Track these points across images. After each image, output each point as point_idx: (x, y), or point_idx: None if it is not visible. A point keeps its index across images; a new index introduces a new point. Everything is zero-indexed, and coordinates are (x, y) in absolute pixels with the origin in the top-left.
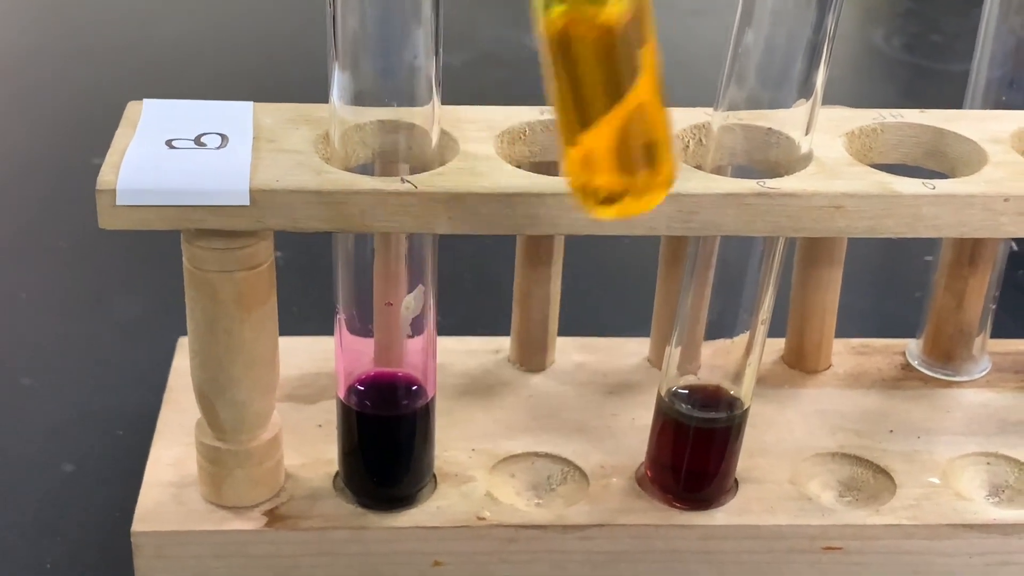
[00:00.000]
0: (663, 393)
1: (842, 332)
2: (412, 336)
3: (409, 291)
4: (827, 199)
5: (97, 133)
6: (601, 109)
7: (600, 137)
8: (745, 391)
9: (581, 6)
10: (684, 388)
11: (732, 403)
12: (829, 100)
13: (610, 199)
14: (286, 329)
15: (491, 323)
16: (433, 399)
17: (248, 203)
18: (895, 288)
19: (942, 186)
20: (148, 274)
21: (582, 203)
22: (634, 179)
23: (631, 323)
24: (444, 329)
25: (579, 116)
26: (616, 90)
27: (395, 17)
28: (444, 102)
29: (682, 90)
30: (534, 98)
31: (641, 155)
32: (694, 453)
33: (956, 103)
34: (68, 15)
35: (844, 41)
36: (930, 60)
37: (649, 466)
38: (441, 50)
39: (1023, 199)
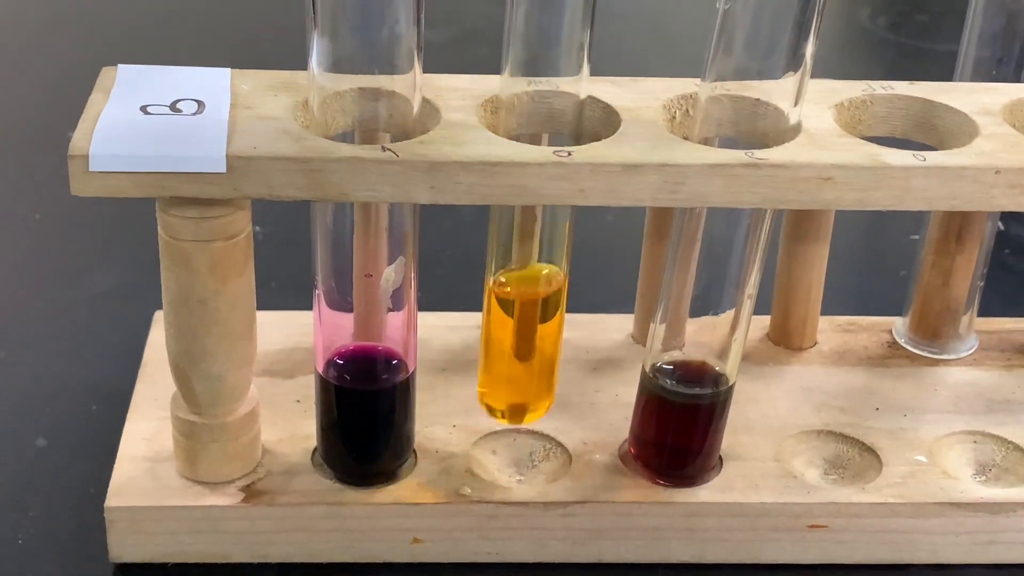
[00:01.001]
0: (647, 369)
1: (828, 310)
2: (392, 310)
3: (389, 263)
4: (816, 170)
5: (72, 105)
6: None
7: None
8: (731, 367)
9: (521, 283)
10: (669, 364)
11: (717, 379)
12: (818, 75)
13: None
14: (264, 303)
15: (473, 300)
16: (413, 374)
17: (225, 170)
18: (881, 267)
19: (933, 158)
20: (124, 246)
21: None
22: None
23: (615, 300)
24: (424, 305)
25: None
26: (527, 348)
27: None
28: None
29: (668, 64)
30: None
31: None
32: (678, 430)
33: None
34: None
35: (829, 19)
36: (916, 39)
37: (632, 443)
38: (423, 16)
39: (1015, 171)
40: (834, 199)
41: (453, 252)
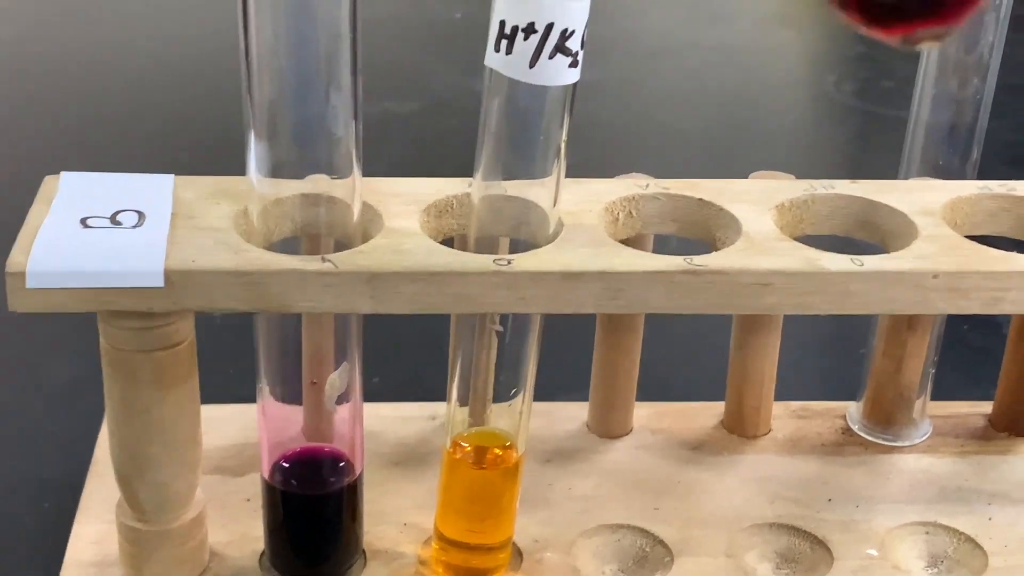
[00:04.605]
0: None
1: (783, 387)
2: (337, 412)
3: (335, 368)
4: (755, 276)
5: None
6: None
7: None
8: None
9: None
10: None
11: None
12: (779, 148)
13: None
14: (220, 391)
15: (431, 383)
16: (361, 475)
17: (163, 284)
18: (838, 344)
19: (870, 263)
20: (78, 338)
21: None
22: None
23: (568, 383)
24: (381, 389)
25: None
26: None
27: (313, 84)
28: (393, 150)
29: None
30: None
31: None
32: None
33: None
34: None
35: (796, 87)
36: (881, 106)
37: None
38: (360, 121)
39: (953, 275)
40: (775, 304)
41: (409, 334)
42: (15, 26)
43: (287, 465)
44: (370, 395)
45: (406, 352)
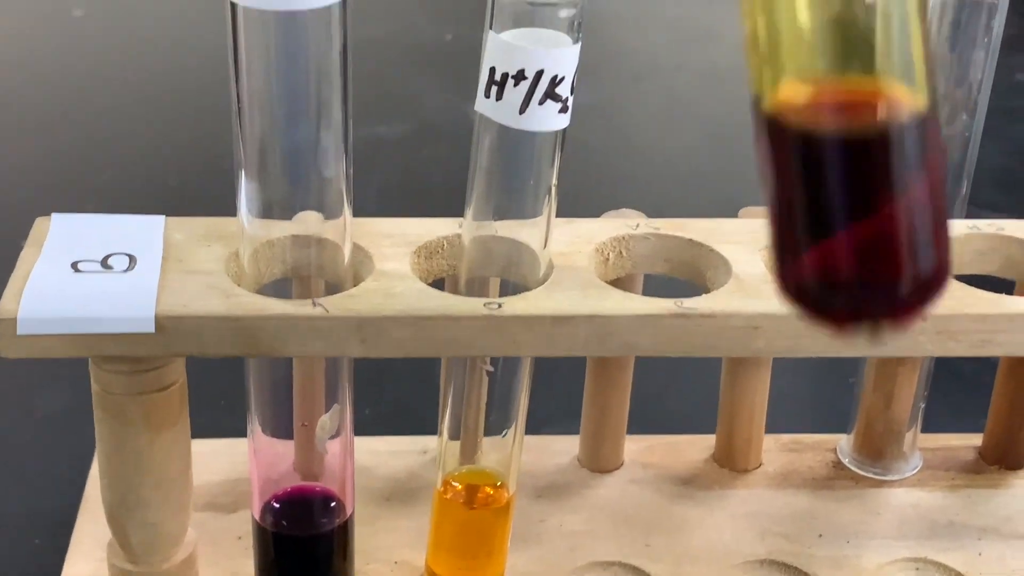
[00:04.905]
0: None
1: (774, 414)
2: (328, 452)
3: (325, 410)
4: (744, 319)
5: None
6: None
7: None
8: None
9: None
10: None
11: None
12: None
13: None
14: (213, 423)
15: (424, 413)
16: (352, 516)
17: (153, 330)
18: (828, 371)
19: None
20: (71, 367)
21: None
22: None
23: (558, 415)
24: (372, 421)
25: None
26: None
27: (303, 124)
28: (385, 175)
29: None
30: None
31: None
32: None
33: None
34: None
35: None
36: None
37: None
38: (351, 160)
39: (941, 318)
40: (764, 347)
41: (401, 364)
42: None
43: (278, 506)
44: (362, 426)
45: (398, 382)
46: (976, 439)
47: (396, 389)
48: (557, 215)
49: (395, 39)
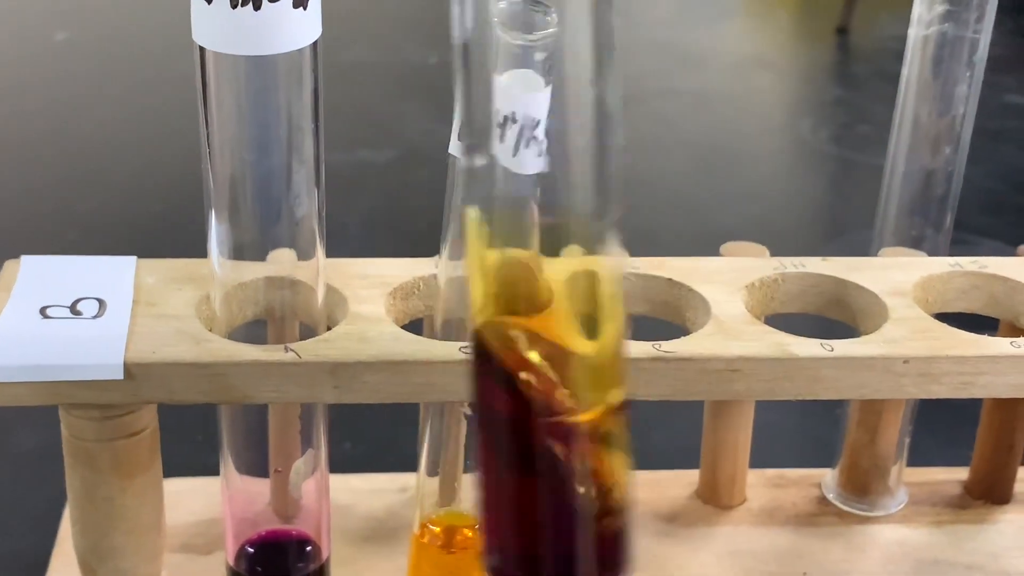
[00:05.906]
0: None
1: (758, 450)
2: (303, 496)
3: (301, 454)
4: (723, 363)
5: None
6: None
7: None
8: None
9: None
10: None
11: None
12: (755, 198)
13: None
14: (189, 458)
15: (405, 447)
16: (328, 559)
17: (122, 377)
18: (814, 404)
19: (840, 348)
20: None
21: None
22: None
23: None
24: (352, 458)
25: None
26: None
27: (274, 166)
28: (369, 200)
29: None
30: None
31: None
32: None
33: None
34: None
35: (771, 133)
36: (858, 152)
37: None
38: (324, 202)
39: (923, 360)
40: (744, 390)
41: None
42: None
43: (252, 550)
44: (342, 461)
45: (378, 416)
46: (962, 473)
47: (377, 423)
48: None
49: (379, 63)
